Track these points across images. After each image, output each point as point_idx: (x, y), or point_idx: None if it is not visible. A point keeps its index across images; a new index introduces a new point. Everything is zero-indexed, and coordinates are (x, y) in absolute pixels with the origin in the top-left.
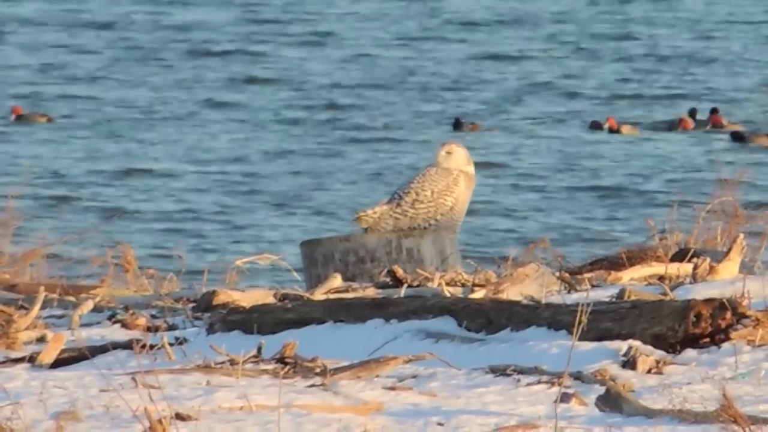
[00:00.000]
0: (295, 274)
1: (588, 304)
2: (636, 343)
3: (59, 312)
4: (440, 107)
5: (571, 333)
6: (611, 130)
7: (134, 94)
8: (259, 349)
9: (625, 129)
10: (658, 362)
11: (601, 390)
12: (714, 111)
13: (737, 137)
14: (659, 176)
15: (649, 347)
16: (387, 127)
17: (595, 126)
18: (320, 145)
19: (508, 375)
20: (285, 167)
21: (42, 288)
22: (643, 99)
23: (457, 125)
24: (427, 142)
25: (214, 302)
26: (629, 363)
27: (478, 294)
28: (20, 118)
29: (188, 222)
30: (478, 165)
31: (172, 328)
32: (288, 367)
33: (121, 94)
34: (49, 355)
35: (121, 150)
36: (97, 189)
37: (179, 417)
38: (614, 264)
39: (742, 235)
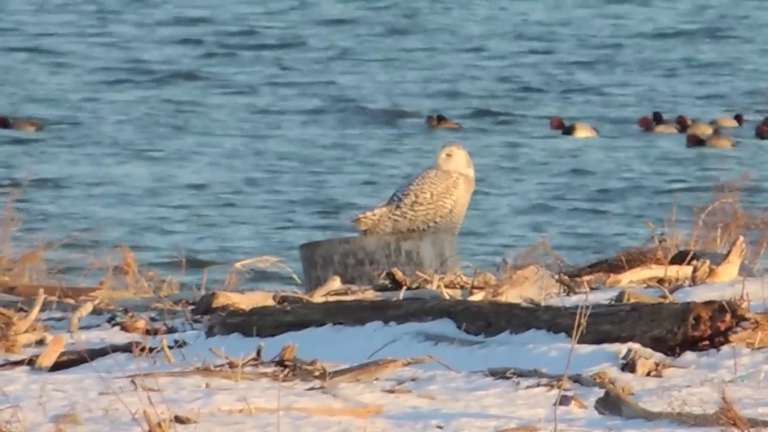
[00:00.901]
0: (294, 276)
1: (587, 307)
2: (635, 346)
3: (58, 314)
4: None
5: (570, 336)
6: (567, 132)
7: (128, 95)
8: (259, 352)
9: (581, 131)
10: (657, 365)
11: (601, 393)
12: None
13: (694, 140)
14: (628, 179)
15: (649, 350)
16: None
17: (557, 125)
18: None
19: (508, 378)
20: (284, 168)
21: (41, 290)
22: (595, 98)
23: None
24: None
25: (214, 305)
26: (628, 366)
27: (477, 296)
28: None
29: (187, 222)
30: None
31: (171, 330)
32: (287, 369)
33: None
34: (48, 357)
35: (121, 150)
36: (97, 190)
37: (178, 420)
38: (613, 267)
39: (741, 238)
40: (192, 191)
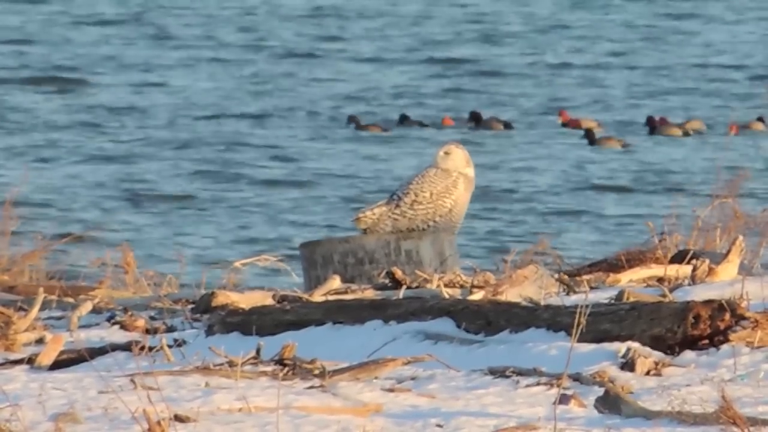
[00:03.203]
0: (294, 275)
1: (587, 306)
2: (635, 345)
3: (58, 313)
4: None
5: (570, 334)
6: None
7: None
8: (258, 351)
9: (496, 125)
10: (657, 364)
11: (600, 391)
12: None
13: (590, 137)
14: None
15: (648, 349)
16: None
17: (475, 119)
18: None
19: (507, 376)
20: (284, 167)
21: (41, 289)
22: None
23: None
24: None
25: (213, 304)
26: (628, 364)
27: (477, 295)
28: None
29: (187, 222)
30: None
31: (170, 329)
32: (287, 368)
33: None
34: (48, 356)
35: (119, 151)
36: (94, 189)
37: (178, 419)
38: (613, 266)
39: (741, 237)
40: (193, 190)
